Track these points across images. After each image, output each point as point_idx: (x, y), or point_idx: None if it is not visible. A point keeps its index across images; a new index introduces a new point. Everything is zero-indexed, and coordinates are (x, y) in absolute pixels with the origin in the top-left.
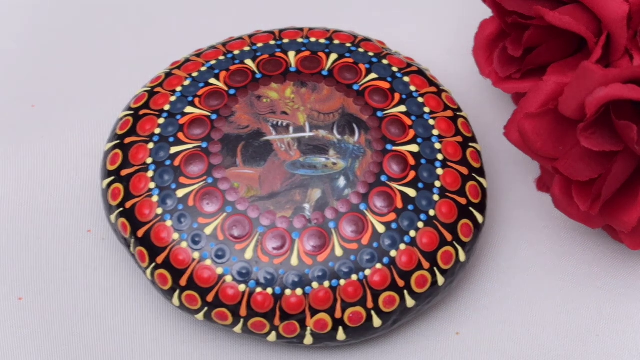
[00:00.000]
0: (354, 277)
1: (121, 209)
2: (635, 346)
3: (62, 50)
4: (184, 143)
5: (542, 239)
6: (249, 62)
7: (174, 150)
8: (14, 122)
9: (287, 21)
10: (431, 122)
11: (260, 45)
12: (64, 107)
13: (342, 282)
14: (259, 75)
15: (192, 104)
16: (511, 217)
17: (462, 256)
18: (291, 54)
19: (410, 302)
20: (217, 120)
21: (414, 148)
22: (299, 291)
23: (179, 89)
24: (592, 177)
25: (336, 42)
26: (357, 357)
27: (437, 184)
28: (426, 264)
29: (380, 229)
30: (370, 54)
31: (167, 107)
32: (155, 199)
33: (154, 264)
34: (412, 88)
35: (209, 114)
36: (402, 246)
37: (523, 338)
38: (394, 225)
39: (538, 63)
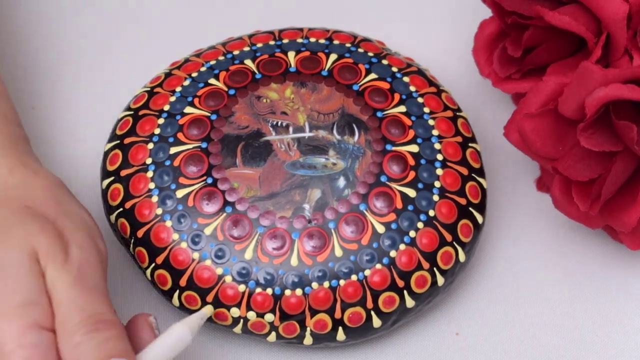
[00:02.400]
0: (354, 277)
1: (121, 209)
2: (635, 346)
3: (62, 52)
4: (183, 143)
5: (542, 239)
6: (248, 62)
7: (173, 150)
8: None
9: (287, 21)
10: (431, 122)
11: (259, 45)
12: (63, 109)
13: (342, 282)
14: (258, 76)
15: (191, 104)
16: (511, 217)
17: (461, 256)
18: (291, 54)
19: (410, 303)
20: (217, 120)
21: (414, 148)
22: (298, 291)
23: (178, 89)
24: (591, 177)
25: (336, 42)
26: (357, 357)
27: (437, 184)
28: (426, 264)
29: (380, 229)
30: (370, 54)
31: (166, 108)
32: (155, 199)
33: (153, 264)
34: (412, 88)
35: (209, 114)
36: (402, 246)
37: (523, 338)
38: (393, 226)
39: (538, 63)
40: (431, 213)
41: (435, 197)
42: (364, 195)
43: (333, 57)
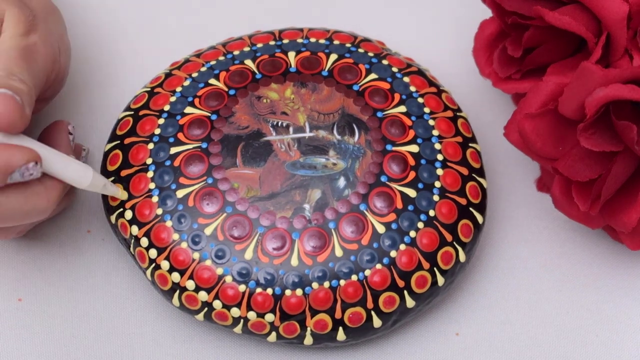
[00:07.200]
0: (354, 277)
1: (121, 210)
2: (635, 346)
3: None
4: (183, 143)
5: (542, 239)
6: (248, 62)
7: (173, 150)
8: None
9: (287, 21)
10: (431, 122)
11: (260, 45)
12: (63, 109)
13: (342, 282)
14: (258, 76)
15: (192, 104)
16: (511, 217)
17: (462, 256)
18: (291, 54)
19: (410, 303)
20: (217, 120)
21: (414, 148)
22: (299, 291)
23: (178, 89)
24: (592, 177)
25: (336, 42)
26: (357, 357)
27: (437, 184)
28: (426, 265)
29: (380, 229)
30: (370, 54)
31: (167, 108)
32: (155, 199)
33: (154, 265)
34: (412, 88)
35: (209, 114)
36: (402, 246)
37: (523, 338)
38: (394, 226)
39: (538, 63)
40: (431, 213)
41: (436, 197)
42: (364, 195)
43: (333, 57)
